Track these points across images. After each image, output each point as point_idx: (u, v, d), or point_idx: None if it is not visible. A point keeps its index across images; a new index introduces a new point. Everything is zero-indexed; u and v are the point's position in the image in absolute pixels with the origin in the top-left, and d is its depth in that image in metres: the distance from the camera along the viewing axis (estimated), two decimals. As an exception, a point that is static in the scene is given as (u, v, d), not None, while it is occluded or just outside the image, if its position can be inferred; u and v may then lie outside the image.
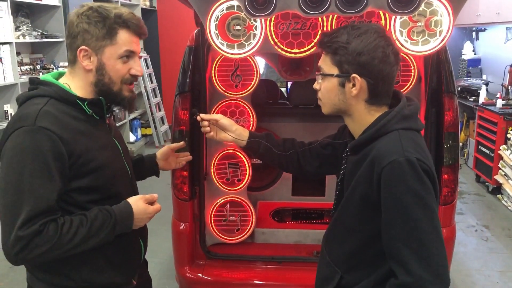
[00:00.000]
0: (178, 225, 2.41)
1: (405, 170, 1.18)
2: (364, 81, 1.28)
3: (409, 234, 1.19)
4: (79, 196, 1.36)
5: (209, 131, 1.73)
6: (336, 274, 1.41)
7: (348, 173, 1.39)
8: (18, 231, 1.22)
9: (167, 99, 7.45)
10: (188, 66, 2.35)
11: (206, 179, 2.43)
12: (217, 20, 1.89)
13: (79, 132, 1.35)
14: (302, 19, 1.96)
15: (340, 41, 1.29)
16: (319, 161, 1.67)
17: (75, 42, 1.36)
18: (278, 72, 2.65)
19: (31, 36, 4.66)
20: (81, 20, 1.35)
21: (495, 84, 5.82)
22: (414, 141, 1.26)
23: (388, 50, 1.27)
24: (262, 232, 2.58)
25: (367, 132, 1.31)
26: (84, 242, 1.31)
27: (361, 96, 1.31)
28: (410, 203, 1.18)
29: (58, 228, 1.26)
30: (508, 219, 4.42)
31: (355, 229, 1.36)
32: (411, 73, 2.30)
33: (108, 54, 1.37)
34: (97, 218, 1.33)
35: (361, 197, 1.29)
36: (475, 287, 3.27)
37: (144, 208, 1.45)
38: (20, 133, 1.27)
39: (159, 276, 3.29)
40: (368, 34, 1.27)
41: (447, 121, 2.25)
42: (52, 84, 1.38)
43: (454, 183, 2.29)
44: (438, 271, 1.18)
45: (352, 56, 1.27)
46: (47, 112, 1.30)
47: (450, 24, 1.78)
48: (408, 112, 1.31)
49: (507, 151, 4.66)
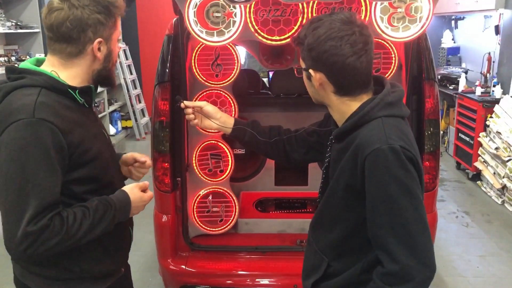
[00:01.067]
0: (160, 217, 2.38)
1: (389, 158, 1.18)
2: (322, 74, 1.28)
3: (394, 222, 1.18)
4: (76, 187, 1.34)
5: (193, 118, 1.71)
6: (323, 262, 1.41)
7: (333, 161, 1.38)
8: (26, 227, 1.19)
9: (147, 90, 7.35)
10: (167, 55, 2.31)
11: (188, 170, 2.40)
12: (196, 7, 1.85)
13: (74, 122, 1.32)
14: (282, 5, 1.94)
15: (300, 37, 1.31)
16: (305, 148, 1.66)
17: (86, 35, 1.33)
18: (259, 61, 2.62)
19: (4, 27, 4.52)
20: (90, 11, 1.32)
21: (474, 72, 5.90)
22: (398, 128, 1.24)
23: (341, 42, 1.22)
24: (246, 222, 2.57)
25: (350, 120, 1.30)
26: (88, 233, 1.30)
27: (328, 89, 1.31)
28: (394, 191, 1.17)
29: (64, 222, 1.25)
30: (488, 205, 4.51)
31: (341, 217, 1.35)
32: (392, 61, 2.30)
33: (114, 40, 1.42)
34: (98, 208, 1.33)
35: (345, 186, 1.29)
36: (456, 271, 3.32)
37: (139, 196, 1.46)
38: (19, 126, 1.22)
39: (143, 269, 3.26)
40: (321, 28, 1.25)
41: (428, 108, 2.26)
42: (40, 73, 1.33)
43: (435, 170, 2.31)
44: (424, 258, 1.18)
45: (306, 52, 1.28)
46: (43, 103, 1.26)
47: (430, 10, 1.78)
48: (391, 98, 1.29)
49: (486, 138, 4.74)
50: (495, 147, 4.52)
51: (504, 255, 3.55)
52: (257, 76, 3.94)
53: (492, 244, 3.72)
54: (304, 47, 1.28)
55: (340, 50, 1.23)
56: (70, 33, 1.31)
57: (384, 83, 1.35)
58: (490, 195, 4.68)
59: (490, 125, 4.66)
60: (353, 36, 1.24)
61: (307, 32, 1.27)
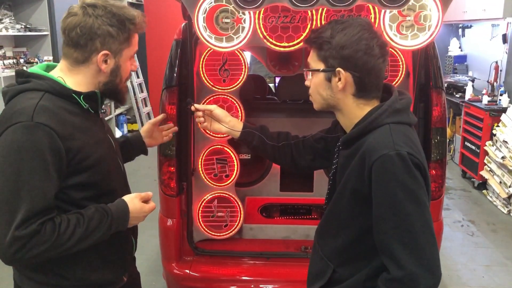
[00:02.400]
0: (165, 221, 2.38)
1: (396, 165, 1.18)
2: (349, 74, 1.28)
3: (400, 228, 1.18)
4: (75, 193, 1.33)
5: (203, 121, 1.73)
6: (328, 268, 1.41)
7: (340, 167, 1.38)
8: (15, 231, 1.18)
9: (154, 94, 7.37)
10: (175, 60, 2.32)
11: (194, 174, 2.41)
12: (205, 12, 1.86)
13: (75, 127, 1.32)
14: (292, 12, 1.94)
15: (324, 36, 1.29)
16: (312, 155, 1.66)
17: (93, 44, 1.33)
18: (266, 66, 2.62)
19: (14, 29, 4.56)
20: (102, 22, 1.32)
21: (481, 80, 5.88)
22: (405, 135, 1.25)
23: (373, 42, 1.26)
24: (250, 228, 2.57)
25: (358, 126, 1.30)
26: (81, 242, 1.29)
27: (348, 90, 1.31)
28: (400, 198, 1.17)
29: (55, 228, 1.23)
30: (494, 214, 4.48)
31: (347, 223, 1.35)
32: (399, 68, 2.30)
33: (125, 56, 1.40)
34: (93, 217, 1.31)
35: (352, 191, 1.29)
36: (461, 281, 3.30)
37: (140, 207, 1.43)
38: (16, 129, 1.22)
39: (146, 273, 3.26)
40: (351, 28, 1.27)
41: (435, 116, 2.25)
42: (45, 78, 1.33)
43: (442, 178, 2.31)
44: (429, 265, 1.18)
45: (335, 50, 1.27)
46: (44, 107, 1.26)
47: (439, 18, 1.78)
48: (399, 106, 1.30)
49: (492, 147, 4.72)
50: (501, 156, 4.50)
51: (510, 265, 3.52)
52: (264, 82, 3.95)
53: (497, 254, 3.70)
54: (332, 46, 1.27)
55: (373, 50, 1.26)
56: (78, 39, 1.32)
57: (391, 90, 1.35)
58: (496, 204, 4.65)
59: (497, 134, 4.64)
60: (380, 40, 1.29)
61: (333, 31, 1.28)
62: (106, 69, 1.37)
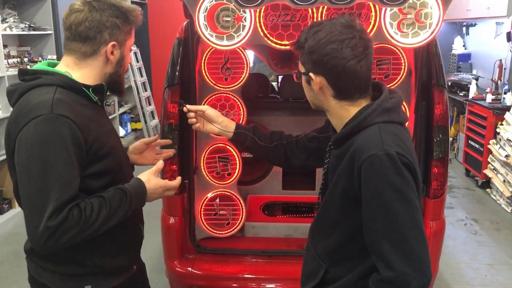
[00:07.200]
0: (167, 219, 2.39)
1: (384, 164, 1.17)
2: (322, 78, 1.28)
3: (390, 228, 1.17)
4: (93, 182, 1.38)
5: (195, 122, 1.73)
6: (321, 268, 1.41)
7: (331, 166, 1.38)
8: (47, 222, 1.22)
9: (157, 93, 7.39)
10: (177, 58, 2.33)
11: (196, 173, 2.41)
12: (206, 11, 1.86)
13: (89, 118, 1.37)
14: (292, 10, 1.95)
15: (300, 40, 1.31)
16: (305, 154, 1.66)
17: (102, 36, 1.39)
18: (268, 65, 2.63)
19: (18, 29, 4.58)
20: (109, 14, 1.38)
21: (485, 79, 5.86)
22: (395, 134, 1.24)
23: (342, 45, 1.23)
24: (252, 226, 2.57)
25: (348, 126, 1.30)
26: (106, 223, 1.33)
27: (327, 93, 1.31)
28: (390, 198, 1.17)
29: (82, 213, 1.28)
30: (497, 213, 4.47)
31: (338, 223, 1.35)
32: (401, 67, 2.30)
33: (127, 47, 1.48)
34: (114, 197, 1.36)
35: (343, 191, 1.29)
36: (464, 279, 3.29)
37: (155, 182, 1.51)
38: (39, 122, 1.25)
39: (149, 271, 3.22)
40: (322, 32, 1.25)
41: (437, 114, 2.24)
42: (54, 73, 1.38)
43: (444, 176, 2.30)
44: (419, 265, 1.17)
45: (306, 55, 1.29)
46: (60, 100, 1.31)
47: (440, 16, 1.78)
48: (389, 104, 1.29)
49: (496, 145, 4.70)
50: (505, 154, 4.48)
51: (513, 264, 3.52)
52: (266, 80, 3.94)
53: (501, 253, 3.69)
54: (305, 50, 1.29)
55: (341, 53, 1.23)
56: (87, 32, 1.37)
57: (382, 89, 1.34)
58: (500, 203, 4.63)
59: (501, 133, 4.62)
60: (354, 40, 1.24)
61: (308, 35, 1.28)
62: (114, 59, 1.44)
